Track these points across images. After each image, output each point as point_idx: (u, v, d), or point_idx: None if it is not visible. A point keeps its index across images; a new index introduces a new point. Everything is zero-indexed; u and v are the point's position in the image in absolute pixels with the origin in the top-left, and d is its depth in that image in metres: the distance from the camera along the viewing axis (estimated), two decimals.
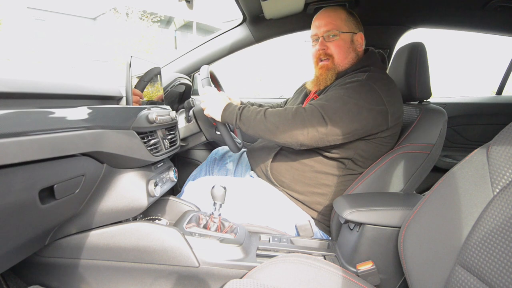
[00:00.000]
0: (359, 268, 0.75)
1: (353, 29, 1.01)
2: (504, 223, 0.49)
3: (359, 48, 1.02)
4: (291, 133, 0.87)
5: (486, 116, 1.59)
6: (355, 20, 1.02)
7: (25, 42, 9.36)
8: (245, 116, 0.93)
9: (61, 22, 11.86)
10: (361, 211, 0.77)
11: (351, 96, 0.87)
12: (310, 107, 0.88)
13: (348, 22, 1.00)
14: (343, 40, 1.00)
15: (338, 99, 0.87)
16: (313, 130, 0.85)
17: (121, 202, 0.80)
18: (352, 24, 1.01)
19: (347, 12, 1.02)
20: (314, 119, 0.85)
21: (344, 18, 1.00)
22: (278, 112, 0.90)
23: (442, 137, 0.94)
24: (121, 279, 0.82)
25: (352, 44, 1.01)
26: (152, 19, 10.77)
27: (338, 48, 1.00)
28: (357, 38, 1.01)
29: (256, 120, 0.91)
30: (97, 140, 0.65)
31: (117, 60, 9.72)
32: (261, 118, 0.90)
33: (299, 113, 0.87)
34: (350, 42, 1.01)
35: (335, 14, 1.01)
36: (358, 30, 1.02)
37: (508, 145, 0.54)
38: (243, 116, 0.93)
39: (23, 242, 0.62)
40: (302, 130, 0.85)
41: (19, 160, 0.49)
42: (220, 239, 0.83)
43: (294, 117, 0.87)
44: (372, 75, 0.93)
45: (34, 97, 0.58)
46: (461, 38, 16.13)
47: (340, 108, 0.86)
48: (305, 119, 0.86)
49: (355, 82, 0.91)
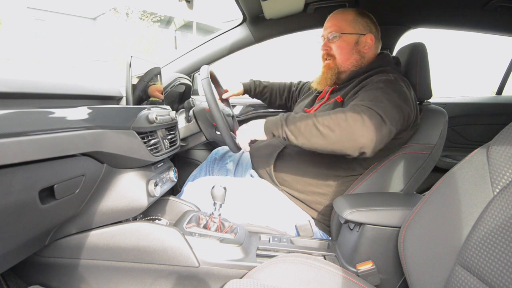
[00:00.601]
0: (359, 268, 0.75)
1: (360, 30, 1.00)
2: (504, 223, 0.49)
3: (365, 50, 1.01)
4: (350, 137, 0.76)
5: (486, 116, 1.59)
6: (365, 21, 1.02)
7: (25, 42, 9.36)
8: (291, 121, 0.83)
9: (61, 22, 11.86)
10: (361, 211, 0.77)
11: (390, 93, 0.84)
12: (364, 108, 0.79)
13: (354, 23, 1.00)
14: (345, 41, 1.01)
15: (383, 98, 0.82)
16: (375, 131, 0.76)
17: (121, 202, 0.80)
18: (360, 25, 1.00)
19: (356, 14, 1.01)
20: (374, 119, 0.76)
21: (350, 19, 1.00)
22: (329, 115, 0.80)
23: (442, 138, 0.94)
24: (121, 279, 0.82)
25: (356, 46, 1.01)
26: (152, 19, 10.76)
27: (339, 49, 1.02)
28: (364, 39, 1.00)
29: (306, 124, 0.80)
30: (97, 140, 0.65)
31: (117, 60, 9.72)
32: (312, 122, 0.79)
33: (356, 114, 0.77)
34: (353, 43, 1.00)
35: (341, 15, 1.02)
36: (368, 31, 1.01)
37: (508, 145, 0.54)
38: (289, 122, 0.83)
39: (23, 242, 0.62)
40: (363, 132, 0.75)
41: (19, 160, 0.49)
42: (220, 239, 0.83)
43: (352, 118, 0.76)
44: (396, 76, 0.93)
45: (34, 97, 0.58)
46: (461, 38, 16.13)
47: (389, 107, 0.80)
48: (364, 120, 0.76)
49: (385, 80, 0.89)
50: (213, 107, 0.98)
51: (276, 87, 1.46)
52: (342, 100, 0.97)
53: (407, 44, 1.07)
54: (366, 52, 1.02)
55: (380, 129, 0.76)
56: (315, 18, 1.37)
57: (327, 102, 1.04)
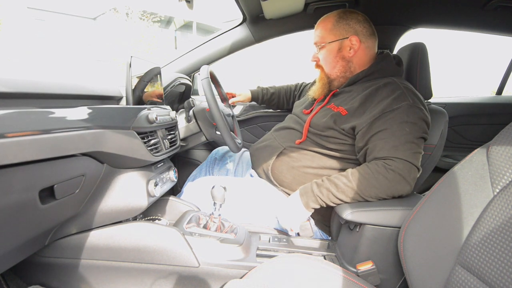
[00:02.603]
0: (359, 268, 0.75)
1: (341, 35, 0.98)
2: (504, 223, 0.49)
3: (350, 54, 0.99)
4: (395, 196, 0.82)
5: (486, 116, 1.59)
6: (346, 23, 0.98)
7: (25, 42, 9.36)
8: (332, 200, 0.84)
9: (61, 22, 11.85)
10: (361, 211, 0.77)
11: (415, 129, 0.85)
12: (401, 163, 0.81)
13: (334, 30, 0.99)
14: (328, 50, 1.01)
15: (411, 140, 0.83)
16: (413, 182, 0.82)
17: (121, 202, 0.80)
18: (340, 30, 0.98)
19: (336, 19, 0.99)
20: (412, 173, 0.82)
21: (329, 27, 1.00)
22: (372, 185, 0.81)
23: (443, 138, 0.94)
24: (121, 279, 0.82)
25: (339, 52, 1.00)
26: (152, 19, 10.76)
27: (324, 59, 1.04)
28: (348, 43, 0.98)
29: (352, 200, 0.83)
30: (97, 140, 0.65)
31: (117, 60, 9.71)
32: (358, 197, 0.82)
33: (397, 176, 0.80)
34: (336, 51, 1.00)
35: (322, 25, 1.02)
36: (351, 33, 0.98)
37: (508, 145, 0.54)
38: (331, 200, 0.84)
39: (23, 242, 0.62)
40: (406, 189, 0.81)
41: (19, 160, 0.49)
42: (220, 239, 0.83)
43: (395, 183, 0.80)
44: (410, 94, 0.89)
45: (34, 97, 0.58)
46: (461, 38, 16.13)
47: (417, 147, 0.84)
48: (405, 178, 0.81)
49: (406, 107, 0.86)
50: (213, 107, 0.98)
51: (283, 92, 1.48)
52: (346, 113, 0.94)
53: (407, 44, 1.07)
54: (352, 55, 1.00)
55: (416, 176, 0.83)
56: (315, 18, 1.36)
57: (326, 105, 1.03)
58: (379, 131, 0.86)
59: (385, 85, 0.93)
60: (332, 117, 0.96)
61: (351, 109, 0.93)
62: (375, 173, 0.81)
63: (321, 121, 0.98)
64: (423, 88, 0.99)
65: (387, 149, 0.83)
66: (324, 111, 1.01)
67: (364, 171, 0.83)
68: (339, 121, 0.94)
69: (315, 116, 1.02)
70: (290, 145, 1.04)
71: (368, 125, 0.88)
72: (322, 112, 1.01)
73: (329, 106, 1.01)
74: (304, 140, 1.02)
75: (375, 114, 0.87)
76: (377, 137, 0.86)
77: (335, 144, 0.95)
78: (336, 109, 0.97)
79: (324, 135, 0.97)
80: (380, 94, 0.91)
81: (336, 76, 1.04)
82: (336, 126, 0.94)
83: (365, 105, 0.92)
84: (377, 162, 0.83)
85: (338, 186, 0.83)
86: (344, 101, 0.98)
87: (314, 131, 1.00)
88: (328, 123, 0.96)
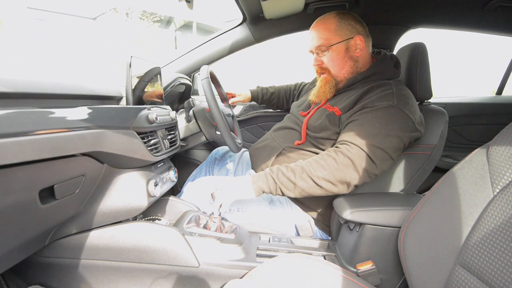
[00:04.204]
0: (359, 268, 0.75)
1: (347, 35, 0.97)
2: (504, 223, 0.49)
3: (357, 53, 0.99)
4: (343, 183, 0.81)
5: (486, 116, 1.59)
6: (349, 23, 0.98)
7: (25, 42, 9.35)
8: (284, 178, 0.83)
9: (61, 22, 11.85)
10: (361, 211, 0.77)
11: (388, 127, 0.83)
12: (355, 150, 0.81)
13: (339, 31, 0.97)
14: (335, 51, 0.98)
15: (377, 134, 0.82)
16: (364, 174, 0.81)
17: (121, 202, 0.80)
18: (345, 30, 0.97)
19: (338, 19, 0.98)
20: (364, 163, 0.81)
21: (333, 28, 0.97)
22: (321, 165, 0.81)
23: (443, 138, 0.94)
24: (121, 279, 0.82)
25: (347, 52, 0.98)
26: (152, 19, 10.75)
27: (331, 61, 0.99)
28: (353, 42, 0.98)
29: (301, 179, 0.82)
30: (97, 140, 0.65)
31: (117, 60, 9.71)
32: (308, 176, 0.81)
33: (347, 160, 0.81)
34: (344, 51, 0.98)
35: (324, 26, 0.99)
36: (355, 32, 0.98)
37: (508, 145, 0.54)
38: (282, 179, 0.83)
39: (23, 242, 0.62)
40: (354, 176, 0.81)
41: (19, 160, 0.49)
42: (220, 239, 0.83)
43: (343, 166, 0.80)
44: (399, 96, 0.88)
45: (34, 97, 0.58)
46: (461, 38, 16.13)
47: (382, 144, 0.82)
48: (355, 165, 0.80)
49: (386, 107, 0.86)
50: (213, 107, 0.98)
51: (283, 92, 1.48)
52: (340, 114, 0.94)
53: (407, 44, 1.07)
54: (359, 55, 0.99)
55: (369, 170, 0.82)
56: (315, 18, 1.37)
57: (323, 106, 1.03)
58: (351, 121, 0.89)
59: (378, 85, 0.93)
60: (327, 117, 0.96)
61: (344, 109, 0.94)
62: (325, 155, 0.83)
63: (316, 122, 0.99)
64: (423, 88, 0.99)
65: (349, 135, 0.84)
66: (319, 112, 1.02)
67: (316, 156, 0.85)
68: (334, 122, 0.95)
69: (311, 118, 1.03)
70: (289, 146, 1.04)
71: (347, 117, 0.91)
72: (318, 113, 1.02)
73: (325, 107, 1.01)
74: (304, 141, 1.02)
75: (356, 108, 0.90)
76: (347, 127, 0.88)
77: (331, 146, 0.95)
78: (331, 109, 0.98)
79: (319, 137, 0.97)
80: (371, 92, 0.92)
81: (343, 77, 1.01)
82: (331, 127, 0.94)
83: (356, 103, 0.93)
84: (331, 148, 0.85)
85: (288, 166, 0.84)
86: (339, 101, 0.99)
87: (310, 134, 1.00)
88: (323, 124, 0.96)
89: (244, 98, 1.43)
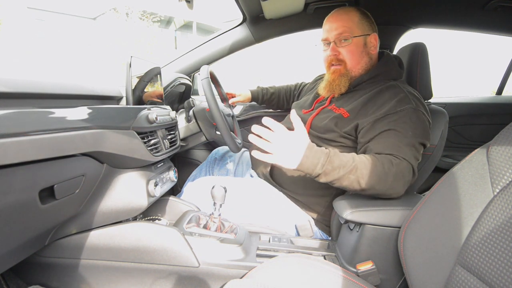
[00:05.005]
0: (359, 268, 0.75)
1: (366, 30, 0.97)
2: (504, 223, 0.49)
3: (372, 51, 0.99)
4: (386, 192, 0.78)
5: (486, 116, 1.59)
6: (369, 20, 0.99)
7: (25, 42, 9.35)
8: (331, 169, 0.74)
9: (61, 22, 11.85)
10: (361, 211, 0.77)
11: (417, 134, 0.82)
12: (405, 164, 0.78)
13: (361, 24, 0.96)
14: (355, 44, 0.96)
15: (414, 144, 0.81)
16: (407, 183, 0.80)
17: (121, 202, 0.80)
18: (365, 25, 0.97)
19: (360, 13, 0.98)
20: (409, 175, 0.79)
21: (356, 21, 0.96)
22: (373, 169, 0.75)
23: (443, 138, 0.94)
24: (121, 279, 0.82)
25: (365, 48, 0.97)
26: (152, 19, 10.75)
27: (350, 53, 0.96)
28: (370, 40, 0.97)
29: (348, 174, 0.74)
30: (97, 140, 0.65)
31: (117, 60, 9.71)
32: (355, 177, 0.74)
33: (399, 173, 0.77)
34: (363, 45, 0.97)
35: (347, 16, 0.96)
36: (372, 31, 0.98)
37: (508, 145, 0.54)
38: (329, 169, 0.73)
39: (23, 242, 0.62)
40: (400, 187, 0.78)
41: (19, 160, 0.49)
42: (220, 239, 0.83)
43: (395, 177, 0.76)
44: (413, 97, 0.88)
45: (34, 97, 0.58)
46: (461, 38, 16.13)
47: (418, 154, 0.82)
48: (405, 177, 0.78)
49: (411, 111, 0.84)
50: (213, 107, 0.98)
51: (283, 92, 1.48)
52: (348, 116, 0.92)
53: (407, 44, 1.07)
54: (373, 53, 0.99)
55: (410, 180, 0.80)
56: (315, 18, 1.37)
57: (327, 107, 1.02)
58: (382, 132, 0.83)
59: (388, 88, 0.92)
60: (333, 120, 0.95)
61: (353, 111, 0.92)
62: (380, 161, 0.76)
63: (322, 123, 0.98)
64: (423, 88, 0.99)
65: (390, 147, 0.80)
66: (325, 113, 1.01)
67: (371, 158, 0.77)
68: (341, 124, 0.93)
69: (316, 118, 1.02)
70: None
71: (370, 124, 0.86)
72: (323, 114, 1.01)
73: (330, 108, 1.00)
74: None
75: (378, 115, 0.86)
76: (380, 137, 0.83)
77: (335, 147, 0.95)
78: (337, 111, 0.96)
79: (324, 138, 0.96)
80: (382, 96, 0.90)
81: (357, 72, 0.99)
82: (337, 129, 0.93)
83: (367, 106, 0.91)
84: (383, 155, 0.79)
85: (342, 159, 0.75)
86: (345, 102, 0.97)
87: (314, 133, 0.99)
88: (329, 125, 0.95)
89: (244, 98, 1.43)
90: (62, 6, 11.91)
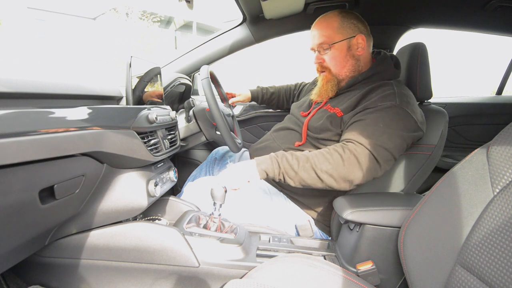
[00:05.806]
0: (359, 268, 0.75)
1: (349, 33, 0.97)
2: (504, 223, 0.49)
3: (359, 52, 0.98)
4: (346, 180, 0.80)
5: (486, 116, 1.59)
6: (352, 22, 0.98)
7: (25, 42, 9.35)
8: (288, 165, 0.81)
9: (61, 22, 11.84)
10: (361, 211, 0.77)
11: (392, 126, 0.83)
12: (361, 148, 0.81)
13: (341, 29, 0.97)
14: (337, 50, 0.98)
15: (381, 133, 0.82)
16: (368, 173, 0.81)
17: (121, 202, 0.80)
18: (347, 28, 0.97)
19: (341, 17, 0.97)
20: (369, 163, 0.80)
21: (336, 26, 0.97)
22: (326, 158, 0.81)
23: (443, 138, 0.94)
24: (121, 279, 0.82)
25: (349, 51, 0.98)
26: (152, 19, 10.75)
27: (333, 60, 0.99)
28: (355, 41, 0.97)
29: (304, 168, 0.80)
30: (97, 140, 0.65)
31: (117, 60, 9.71)
32: (311, 167, 0.80)
33: (352, 158, 0.80)
34: (346, 50, 0.98)
35: (327, 24, 0.98)
36: (357, 31, 0.97)
37: (508, 145, 0.54)
38: (285, 165, 0.81)
39: (23, 242, 0.62)
40: (358, 175, 0.80)
41: (19, 160, 0.49)
42: (220, 239, 0.83)
43: (349, 163, 0.80)
44: (401, 96, 0.88)
45: (34, 97, 0.58)
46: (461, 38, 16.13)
47: (387, 144, 0.82)
48: (360, 163, 0.80)
49: (389, 107, 0.86)
50: (213, 107, 0.98)
51: (283, 92, 1.48)
52: (342, 115, 0.94)
53: (407, 44, 1.07)
54: (361, 53, 0.99)
55: (374, 169, 0.81)
56: (315, 18, 1.37)
57: (323, 107, 1.03)
58: (355, 121, 0.88)
59: (379, 86, 0.93)
60: (328, 118, 0.96)
61: (346, 110, 0.94)
62: (331, 150, 0.82)
63: (317, 123, 0.99)
64: (423, 88, 0.99)
65: (354, 134, 0.84)
66: (320, 113, 1.01)
67: (322, 148, 0.85)
68: (335, 123, 0.94)
69: (312, 119, 1.02)
70: (289, 147, 1.04)
71: (349, 117, 0.91)
72: (319, 114, 1.02)
73: (326, 107, 1.01)
74: (304, 142, 1.02)
75: (357, 110, 0.90)
76: (351, 127, 0.87)
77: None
78: (332, 110, 0.97)
79: (320, 138, 0.97)
80: (371, 93, 0.92)
81: (345, 76, 1.01)
82: (332, 127, 0.94)
83: (358, 104, 0.93)
84: (338, 144, 0.85)
85: (294, 154, 0.83)
86: (340, 102, 0.99)
87: (311, 134, 1.00)
88: (324, 125, 0.96)
89: (244, 98, 1.43)
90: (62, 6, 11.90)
